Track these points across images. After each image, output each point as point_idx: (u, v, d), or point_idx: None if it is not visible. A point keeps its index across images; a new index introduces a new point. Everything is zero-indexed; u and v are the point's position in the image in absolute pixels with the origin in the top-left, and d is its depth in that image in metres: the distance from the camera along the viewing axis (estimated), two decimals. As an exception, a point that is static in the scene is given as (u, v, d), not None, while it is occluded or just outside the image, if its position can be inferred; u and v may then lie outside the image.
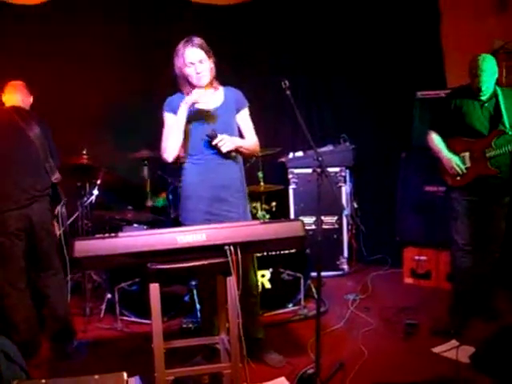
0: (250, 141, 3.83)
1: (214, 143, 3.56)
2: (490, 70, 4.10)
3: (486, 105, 4.20)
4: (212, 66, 3.65)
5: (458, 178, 4.29)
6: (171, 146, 3.62)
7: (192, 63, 3.56)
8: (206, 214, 3.64)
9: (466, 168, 4.25)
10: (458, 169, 4.24)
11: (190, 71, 3.59)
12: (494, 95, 4.20)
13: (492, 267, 4.46)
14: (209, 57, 3.61)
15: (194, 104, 3.60)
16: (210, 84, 3.69)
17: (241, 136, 3.81)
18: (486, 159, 4.17)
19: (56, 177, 4.18)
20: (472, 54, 4.17)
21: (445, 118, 4.35)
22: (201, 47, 3.57)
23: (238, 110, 3.79)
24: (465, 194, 4.29)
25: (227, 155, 3.65)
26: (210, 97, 3.71)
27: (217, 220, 3.54)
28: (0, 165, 4.03)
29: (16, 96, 4.26)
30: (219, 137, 3.56)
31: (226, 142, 3.57)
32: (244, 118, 3.82)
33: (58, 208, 4.35)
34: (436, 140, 4.38)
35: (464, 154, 4.26)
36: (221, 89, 3.78)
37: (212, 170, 3.67)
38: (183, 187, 3.78)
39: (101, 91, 5.85)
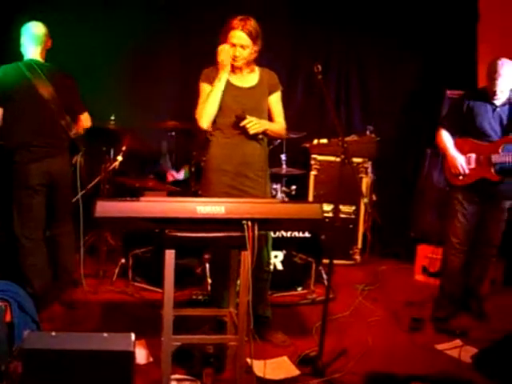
0: (278, 124, 3.87)
1: (241, 124, 3.61)
2: (508, 75, 4.10)
3: (499, 110, 4.23)
4: (254, 50, 3.67)
5: (461, 178, 4.33)
6: (208, 113, 3.66)
7: (234, 45, 3.61)
8: (227, 187, 3.70)
9: (470, 169, 4.28)
10: (460, 169, 4.28)
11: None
12: (509, 102, 4.22)
13: (487, 271, 4.58)
14: (254, 43, 3.63)
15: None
16: (247, 65, 3.73)
17: (269, 118, 3.84)
18: (491, 164, 4.21)
19: (74, 132, 4.25)
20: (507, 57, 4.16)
21: (456, 117, 4.39)
22: (249, 33, 3.59)
23: (270, 93, 3.83)
24: (465, 194, 4.35)
25: (253, 136, 3.70)
26: (245, 76, 3.76)
27: (237, 195, 3.61)
28: (17, 120, 4.11)
29: (36, 48, 4.18)
30: (248, 119, 3.61)
31: (254, 125, 3.62)
32: (275, 101, 3.86)
33: (77, 157, 4.41)
34: (445, 137, 4.41)
35: (470, 155, 4.30)
36: (257, 70, 3.82)
37: (238, 147, 3.72)
38: (208, 160, 3.83)
39: (132, 58, 5.90)
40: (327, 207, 5.51)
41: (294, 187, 5.52)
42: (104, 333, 2.75)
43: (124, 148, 5.27)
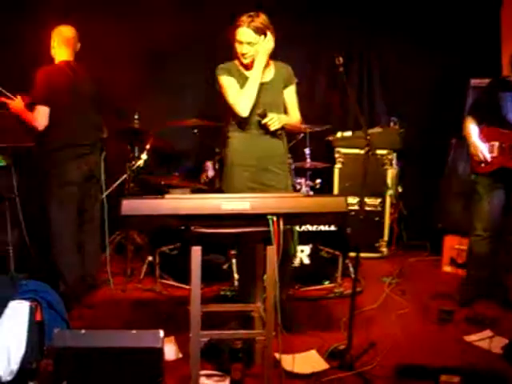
0: (294, 118, 3.90)
1: (263, 122, 3.64)
2: None
3: None
4: (268, 46, 3.65)
5: (483, 165, 4.36)
6: (247, 100, 3.65)
7: (240, 42, 3.62)
8: (249, 181, 3.72)
9: (493, 157, 4.31)
10: (481, 156, 4.31)
11: (237, 47, 3.67)
12: None
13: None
14: (261, 37, 3.61)
15: None
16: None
17: (284, 111, 3.86)
18: None
19: (105, 132, 4.43)
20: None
21: (482, 106, 4.43)
22: (255, 29, 3.59)
23: (285, 86, 3.84)
24: (490, 181, 4.39)
25: (274, 131, 3.71)
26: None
27: (259, 189, 3.64)
28: (62, 120, 4.19)
29: (67, 50, 4.30)
30: (269, 116, 3.62)
31: (274, 122, 3.64)
32: (290, 94, 3.87)
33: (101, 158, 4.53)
34: (470, 126, 4.45)
35: (493, 143, 4.33)
36: (272, 64, 3.82)
37: (257, 141, 3.75)
38: (227, 155, 3.84)
39: (155, 57, 5.92)
40: (352, 200, 5.49)
41: (318, 181, 5.51)
42: (133, 330, 2.78)
43: (148, 146, 5.31)
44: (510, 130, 4.27)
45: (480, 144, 4.35)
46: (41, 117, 4.11)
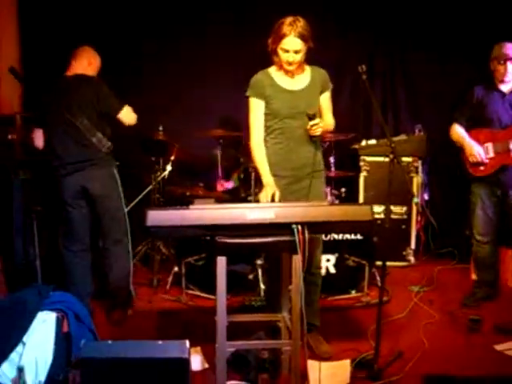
0: (329, 123, 3.86)
1: (310, 123, 3.57)
2: None
3: (508, 96, 4.29)
4: (305, 50, 3.61)
5: (482, 168, 4.37)
6: (254, 148, 3.71)
7: (287, 51, 3.56)
8: (285, 191, 3.64)
9: (490, 158, 4.32)
10: (478, 156, 4.32)
11: (282, 56, 3.59)
12: None
13: None
14: (306, 44, 3.56)
15: None
16: (299, 67, 3.68)
17: (320, 115, 3.79)
18: (510, 150, 4.23)
19: (107, 147, 4.23)
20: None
21: (467, 109, 4.47)
22: (301, 36, 3.50)
23: (322, 92, 3.79)
24: (485, 187, 4.44)
25: (308, 138, 3.68)
26: (296, 78, 3.72)
27: (295, 199, 3.62)
28: (52, 140, 4.26)
29: (81, 62, 4.29)
30: (316, 120, 3.57)
31: (317, 128, 3.58)
32: (326, 99, 3.84)
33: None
34: (458, 130, 4.48)
35: (487, 145, 4.36)
36: (308, 69, 3.77)
37: (292, 152, 3.70)
38: None
39: (178, 70, 5.97)
40: (378, 208, 5.45)
41: (343, 189, 5.49)
42: (159, 340, 2.79)
43: (173, 158, 5.34)
44: (501, 129, 4.30)
45: (475, 145, 4.37)
46: (37, 138, 4.30)
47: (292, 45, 3.52)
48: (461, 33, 6.00)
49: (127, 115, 4.27)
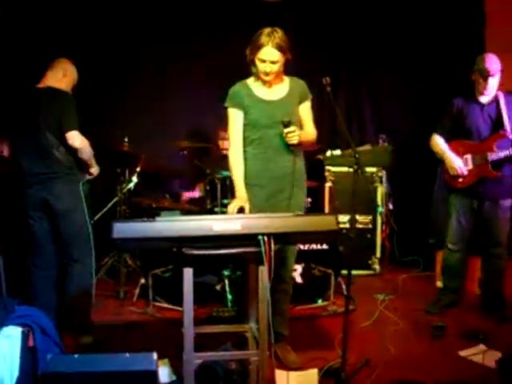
0: (310, 133, 3.86)
1: (285, 131, 3.59)
2: (495, 71, 4.22)
3: (486, 108, 4.35)
4: (283, 61, 3.64)
5: (461, 180, 4.43)
6: (232, 160, 3.75)
7: (264, 61, 3.59)
8: (267, 201, 3.69)
9: (469, 170, 4.39)
10: (458, 170, 4.39)
11: (259, 66, 3.62)
12: (496, 99, 4.33)
13: (499, 271, 4.65)
14: (283, 55, 3.60)
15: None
16: (276, 77, 3.71)
17: (300, 127, 3.81)
18: (488, 162, 4.29)
19: (70, 161, 4.15)
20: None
21: (448, 121, 4.53)
22: (279, 47, 3.54)
23: (300, 102, 3.82)
24: (463, 199, 4.51)
25: (286, 148, 3.69)
26: (274, 88, 3.75)
27: (277, 208, 3.64)
28: (14, 151, 4.25)
29: (56, 73, 4.24)
30: (292, 128, 3.59)
31: (294, 136, 3.59)
32: (305, 110, 3.85)
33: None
34: (439, 142, 4.55)
35: (467, 157, 4.43)
36: (286, 80, 3.81)
37: (271, 161, 3.72)
38: (245, 175, 3.78)
39: (144, 81, 5.97)
40: (343, 218, 5.50)
41: (309, 199, 5.52)
42: (126, 353, 2.77)
43: (138, 169, 5.32)
44: (477, 140, 4.38)
45: (455, 158, 4.43)
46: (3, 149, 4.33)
47: (269, 55, 3.55)
48: (421, 46, 6.12)
49: (74, 136, 4.06)
